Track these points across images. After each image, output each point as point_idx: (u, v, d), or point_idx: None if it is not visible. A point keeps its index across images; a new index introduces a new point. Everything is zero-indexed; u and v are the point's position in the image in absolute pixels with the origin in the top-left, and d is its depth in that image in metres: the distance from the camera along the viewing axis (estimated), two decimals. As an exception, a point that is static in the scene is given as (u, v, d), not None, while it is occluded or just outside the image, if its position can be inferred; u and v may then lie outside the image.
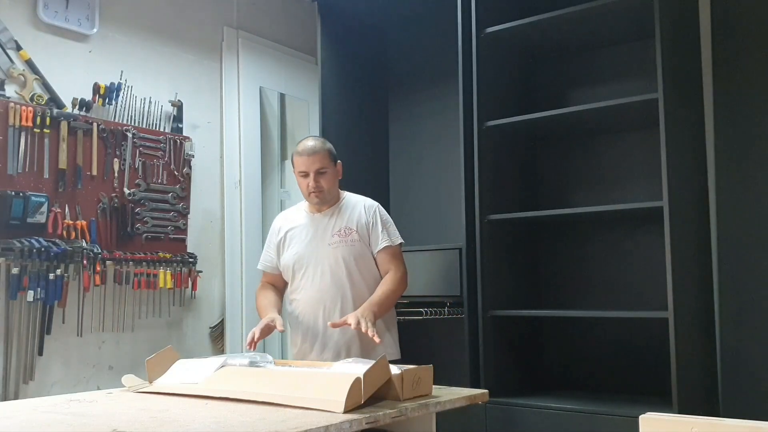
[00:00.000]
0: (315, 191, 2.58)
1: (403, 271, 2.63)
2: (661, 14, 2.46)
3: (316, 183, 2.57)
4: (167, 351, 2.12)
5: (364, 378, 1.65)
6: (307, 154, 2.57)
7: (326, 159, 2.60)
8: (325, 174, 2.59)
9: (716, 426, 1.26)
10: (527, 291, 3.02)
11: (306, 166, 2.57)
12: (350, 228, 2.61)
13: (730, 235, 2.76)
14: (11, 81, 2.92)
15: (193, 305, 3.56)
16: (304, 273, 2.63)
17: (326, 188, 2.59)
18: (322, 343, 2.58)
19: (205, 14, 3.78)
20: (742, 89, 2.79)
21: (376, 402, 1.72)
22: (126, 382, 2.06)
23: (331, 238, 2.61)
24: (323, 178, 2.58)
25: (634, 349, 2.84)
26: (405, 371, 1.81)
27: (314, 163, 2.56)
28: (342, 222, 2.63)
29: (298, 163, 2.60)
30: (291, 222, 2.72)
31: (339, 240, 2.60)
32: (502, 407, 2.68)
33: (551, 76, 3.17)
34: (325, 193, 2.60)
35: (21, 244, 2.78)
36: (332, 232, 2.62)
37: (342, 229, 2.62)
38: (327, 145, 2.65)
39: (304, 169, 2.58)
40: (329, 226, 2.63)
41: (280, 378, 1.87)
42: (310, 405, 1.63)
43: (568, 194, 3.07)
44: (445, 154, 3.36)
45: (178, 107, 3.52)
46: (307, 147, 2.60)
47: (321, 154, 2.58)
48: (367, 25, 3.61)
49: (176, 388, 1.92)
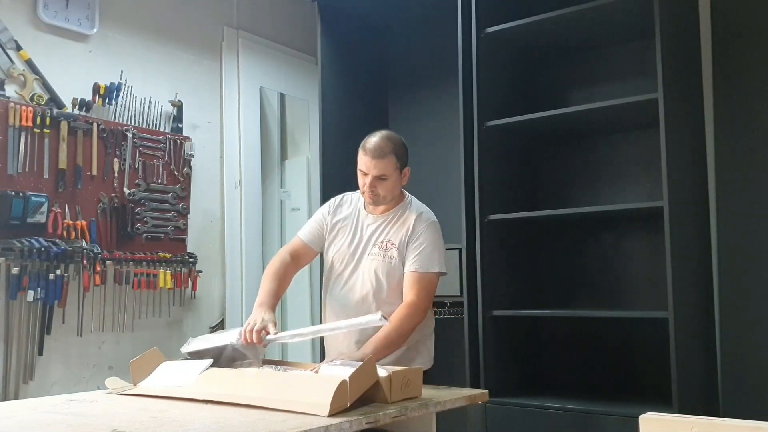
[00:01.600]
0: (370, 194, 2.32)
1: (416, 302, 2.25)
2: (661, 14, 2.46)
3: (372, 188, 2.30)
4: (152, 352, 2.08)
5: (350, 381, 1.63)
6: (372, 155, 2.27)
7: (391, 166, 2.28)
8: (386, 181, 2.30)
9: (716, 426, 1.26)
10: (527, 291, 3.02)
11: (367, 167, 2.28)
12: (392, 242, 2.34)
13: (730, 235, 2.76)
14: (11, 81, 2.92)
15: (193, 305, 3.56)
16: (339, 275, 2.42)
17: (382, 195, 2.32)
18: (336, 352, 2.34)
19: (205, 14, 3.78)
20: (742, 89, 2.79)
21: (363, 405, 1.70)
22: (110, 384, 2.00)
23: (372, 248, 2.36)
24: (382, 185, 2.30)
25: (634, 349, 2.84)
26: (393, 373, 1.77)
27: (376, 167, 2.27)
28: (388, 233, 2.36)
29: (360, 160, 2.31)
30: (346, 210, 2.46)
31: (378, 252, 2.35)
32: (502, 407, 2.67)
33: (551, 76, 3.16)
34: (381, 198, 2.33)
35: (21, 244, 2.78)
36: (375, 241, 2.36)
37: (385, 241, 2.35)
38: (398, 148, 2.32)
39: (364, 169, 2.30)
40: (376, 232, 2.38)
41: (265, 380, 1.85)
42: (295, 408, 1.61)
43: (568, 194, 3.07)
44: (445, 154, 3.35)
45: (178, 107, 3.52)
46: (374, 146, 2.28)
47: (387, 159, 2.27)
48: (367, 25, 3.61)
49: (160, 391, 1.89)
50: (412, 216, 2.37)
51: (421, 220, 2.35)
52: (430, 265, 2.30)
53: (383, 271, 2.32)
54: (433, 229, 2.35)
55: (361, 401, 1.69)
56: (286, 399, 1.65)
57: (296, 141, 4.34)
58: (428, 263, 2.30)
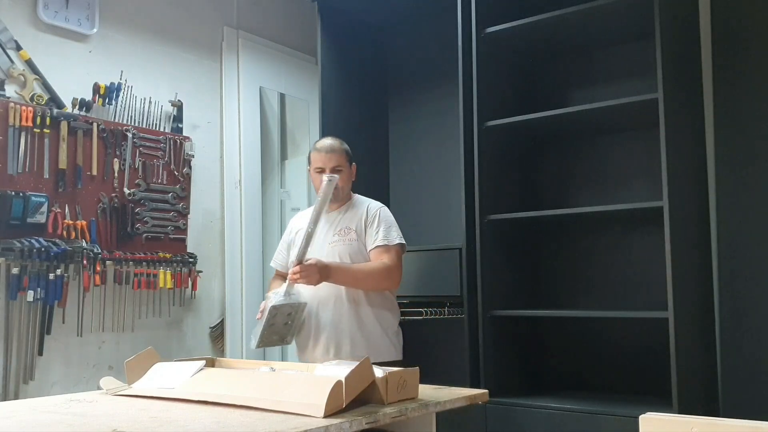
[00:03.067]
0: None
1: (391, 266, 2.58)
2: (661, 14, 2.46)
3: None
4: (147, 352, 2.07)
5: (345, 381, 1.61)
6: (325, 151, 2.66)
7: (343, 158, 2.67)
8: (341, 173, 2.64)
9: (716, 426, 1.26)
10: (527, 291, 3.03)
11: (323, 162, 2.64)
12: (349, 227, 2.65)
13: (730, 235, 2.76)
14: (11, 81, 2.92)
15: (193, 305, 3.56)
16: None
17: (340, 186, 2.62)
18: (314, 339, 2.61)
19: (205, 14, 3.78)
20: (742, 89, 2.79)
21: (359, 406, 1.69)
22: (104, 384, 2.00)
23: (332, 238, 2.65)
24: (339, 178, 2.61)
25: (634, 349, 2.84)
26: (389, 374, 1.76)
27: (331, 160, 2.64)
28: (344, 222, 2.67)
29: (316, 159, 2.67)
30: (300, 222, 2.75)
31: (338, 239, 2.64)
32: (502, 407, 2.68)
33: (551, 76, 3.17)
34: (338, 191, 2.62)
35: (21, 244, 2.78)
36: (333, 231, 2.66)
37: (342, 228, 2.66)
38: (344, 145, 2.72)
39: (320, 165, 2.64)
40: (332, 227, 2.68)
41: (259, 381, 1.84)
42: (289, 409, 1.60)
43: (568, 194, 3.07)
44: (445, 154, 3.36)
45: (178, 107, 3.52)
46: (325, 144, 2.69)
47: (338, 152, 2.66)
48: (367, 25, 3.61)
49: (154, 392, 1.89)
50: (363, 205, 2.71)
51: (373, 206, 2.70)
52: (392, 238, 2.62)
53: (346, 251, 2.61)
54: (384, 211, 2.69)
55: (356, 402, 1.68)
56: (280, 399, 1.64)
57: (296, 141, 4.34)
58: (390, 236, 2.62)
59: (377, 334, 2.62)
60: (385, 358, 2.53)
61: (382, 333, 2.63)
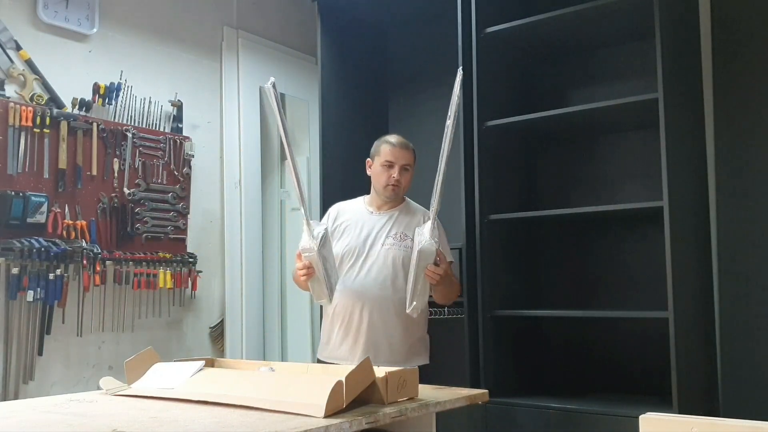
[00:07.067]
0: (395, 184, 2.58)
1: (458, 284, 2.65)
2: (661, 14, 2.46)
3: (399, 177, 2.58)
4: (147, 352, 2.07)
5: (345, 381, 1.62)
6: (400, 146, 2.60)
7: (412, 158, 2.63)
8: (408, 172, 2.61)
9: (716, 426, 1.26)
10: (527, 291, 3.02)
11: (395, 157, 2.58)
12: (406, 234, 2.58)
13: (730, 235, 2.76)
14: (11, 81, 2.92)
15: (193, 305, 3.56)
16: (351, 266, 2.59)
17: (403, 185, 2.60)
18: (354, 338, 2.55)
19: (205, 14, 3.78)
20: (742, 89, 2.79)
21: (359, 405, 1.69)
22: (104, 384, 1.99)
23: (386, 240, 2.59)
24: (404, 176, 2.60)
25: (634, 349, 2.83)
26: (390, 374, 1.76)
27: (404, 157, 2.59)
28: (400, 227, 2.61)
29: (387, 152, 2.59)
30: (348, 213, 2.69)
31: (393, 242, 2.58)
32: (502, 407, 2.67)
33: (551, 76, 3.16)
34: (400, 190, 2.61)
35: (21, 244, 2.78)
36: (388, 234, 2.60)
37: (399, 233, 2.60)
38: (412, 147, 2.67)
39: (392, 159, 2.58)
40: (386, 227, 2.61)
41: (259, 381, 1.84)
42: (290, 409, 1.60)
43: (568, 194, 3.07)
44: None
45: (178, 107, 3.52)
46: (400, 140, 2.63)
47: (411, 151, 2.62)
48: (367, 25, 3.61)
49: (154, 392, 1.89)
50: (420, 212, 2.65)
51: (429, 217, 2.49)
52: (449, 255, 2.59)
53: (400, 256, 2.56)
54: (440, 224, 2.54)
55: (357, 402, 1.68)
56: (281, 400, 1.65)
57: (296, 141, 4.33)
58: (448, 254, 2.58)
59: (417, 337, 2.60)
60: (421, 362, 2.55)
61: (420, 337, 2.62)
